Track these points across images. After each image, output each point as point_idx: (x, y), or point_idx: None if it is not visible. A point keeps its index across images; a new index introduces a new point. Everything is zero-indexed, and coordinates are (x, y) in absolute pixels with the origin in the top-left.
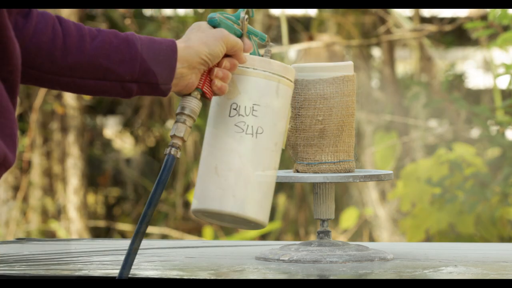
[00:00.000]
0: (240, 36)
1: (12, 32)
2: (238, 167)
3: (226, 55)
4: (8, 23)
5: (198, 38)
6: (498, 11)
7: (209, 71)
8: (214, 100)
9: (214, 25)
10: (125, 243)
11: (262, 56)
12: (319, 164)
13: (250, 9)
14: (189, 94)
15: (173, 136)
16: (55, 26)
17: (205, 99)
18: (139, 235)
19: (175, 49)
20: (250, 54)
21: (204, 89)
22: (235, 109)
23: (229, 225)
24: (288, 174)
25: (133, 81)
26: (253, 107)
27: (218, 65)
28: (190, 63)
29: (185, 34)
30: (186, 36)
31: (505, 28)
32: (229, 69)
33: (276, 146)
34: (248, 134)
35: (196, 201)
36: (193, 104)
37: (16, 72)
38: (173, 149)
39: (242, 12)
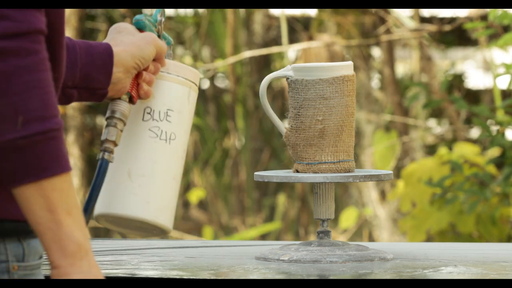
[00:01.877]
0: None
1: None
2: (152, 173)
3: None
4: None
5: (131, 42)
6: (498, 11)
7: (137, 75)
8: None
9: (140, 27)
10: (125, 243)
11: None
12: (319, 164)
13: (163, 10)
14: (119, 98)
15: (105, 141)
16: None
17: (131, 103)
18: None
19: (111, 53)
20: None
21: (132, 93)
22: (149, 113)
23: (131, 231)
24: (288, 174)
25: (73, 87)
26: (167, 112)
27: (145, 69)
28: (126, 67)
29: (112, 35)
30: (117, 39)
31: (505, 29)
32: (153, 73)
33: (184, 153)
34: (162, 139)
35: (104, 205)
36: (123, 107)
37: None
38: (106, 153)
39: (158, 14)
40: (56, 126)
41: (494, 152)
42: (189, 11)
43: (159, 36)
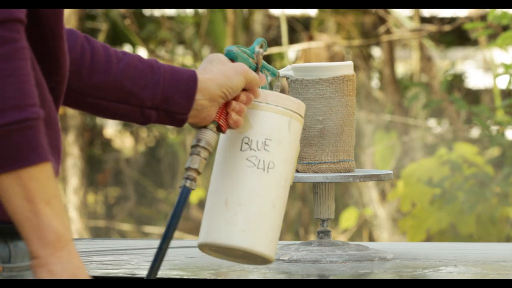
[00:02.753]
0: (255, 70)
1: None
2: (248, 201)
3: (244, 89)
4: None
5: (219, 71)
6: (497, 11)
7: (226, 104)
8: (225, 134)
9: (231, 58)
10: (125, 243)
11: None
12: (319, 164)
13: (264, 43)
14: (205, 126)
15: (188, 169)
16: (83, 44)
17: (220, 132)
18: (155, 269)
19: (196, 79)
20: (262, 88)
21: (220, 122)
22: (246, 143)
23: (237, 260)
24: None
25: (153, 107)
26: (265, 141)
27: (235, 98)
28: (211, 95)
29: (204, 65)
30: (206, 68)
31: (505, 28)
32: (245, 103)
33: (286, 182)
34: (259, 168)
35: (204, 234)
36: (209, 136)
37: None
38: (188, 181)
39: (257, 46)
40: (33, 116)
41: (494, 152)
42: (189, 11)
43: (257, 67)
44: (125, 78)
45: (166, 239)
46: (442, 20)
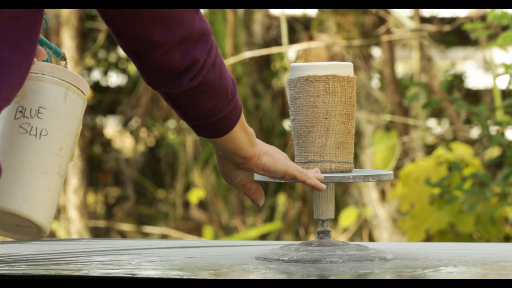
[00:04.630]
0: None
1: None
2: (17, 165)
3: None
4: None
5: None
6: (497, 11)
7: None
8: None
9: None
10: (125, 243)
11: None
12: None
13: (44, 20)
14: None
15: None
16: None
17: None
18: None
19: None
20: (43, 61)
21: None
22: (20, 111)
23: (10, 234)
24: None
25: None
26: (38, 109)
27: None
28: None
29: None
30: None
31: (504, 28)
32: None
33: (62, 152)
34: (31, 135)
35: None
36: None
37: None
38: None
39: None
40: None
41: (494, 152)
42: None
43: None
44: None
45: None
46: (442, 20)
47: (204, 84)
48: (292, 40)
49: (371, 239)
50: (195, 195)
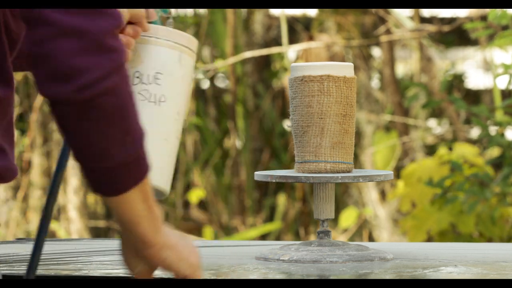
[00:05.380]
0: None
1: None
2: None
3: (130, 23)
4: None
5: None
6: (497, 11)
7: None
8: None
9: None
10: None
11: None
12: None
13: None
14: None
15: None
16: None
17: None
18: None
19: None
20: (153, 24)
21: None
22: (137, 77)
23: None
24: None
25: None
26: (156, 75)
27: (121, 32)
28: None
29: None
30: None
31: (504, 28)
32: (132, 36)
33: (179, 115)
34: (151, 102)
35: None
36: None
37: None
38: None
39: None
40: (144, 131)
41: (494, 152)
42: (189, 11)
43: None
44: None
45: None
46: (442, 20)
47: (96, 109)
48: (292, 40)
49: (371, 239)
50: (195, 195)
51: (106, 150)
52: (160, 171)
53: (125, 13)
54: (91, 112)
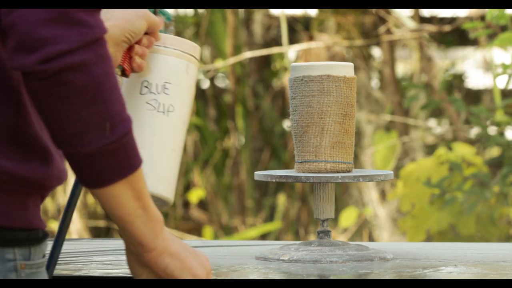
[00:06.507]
0: (154, 13)
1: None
2: (149, 145)
3: (145, 33)
4: None
5: (121, 16)
6: (495, 11)
7: (129, 48)
8: (124, 78)
9: None
10: None
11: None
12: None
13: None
14: None
15: None
16: None
17: (124, 76)
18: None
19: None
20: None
21: (124, 66)
22: (146, 86)
23: None
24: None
25: None
26: (164, 85)
27: (137, 42)
28: (115, 41)
29: (104, 10)
30: (107, 14)
31: (503, 28)
32: (147, 46)
33: (184, 125)
34: (160, 112)
35: None
36: None
37: None
38: None
39: None
40: (131, 123)
41: (493, 152)
42: (189, 11)
43: (154, 13)
44: None
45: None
46: (442, 20)
47: (64, 85)
48: (292, 40)
49: (371, 239)
50: (195, 195)
51: (82, 134)
52: (167, 181)
53: (143, 24)
54: (60, 88)
